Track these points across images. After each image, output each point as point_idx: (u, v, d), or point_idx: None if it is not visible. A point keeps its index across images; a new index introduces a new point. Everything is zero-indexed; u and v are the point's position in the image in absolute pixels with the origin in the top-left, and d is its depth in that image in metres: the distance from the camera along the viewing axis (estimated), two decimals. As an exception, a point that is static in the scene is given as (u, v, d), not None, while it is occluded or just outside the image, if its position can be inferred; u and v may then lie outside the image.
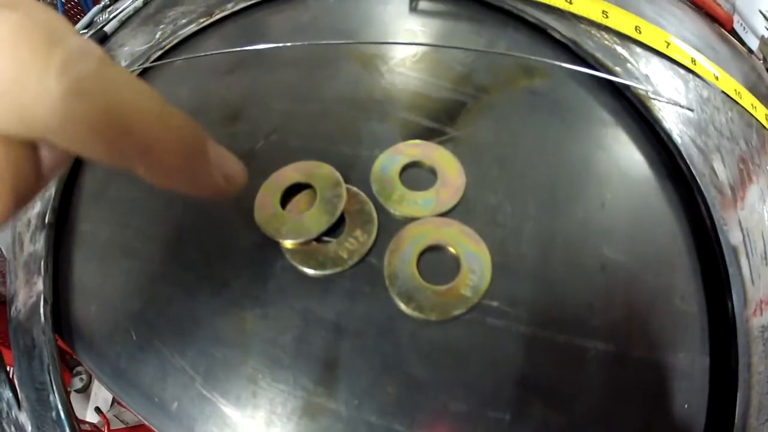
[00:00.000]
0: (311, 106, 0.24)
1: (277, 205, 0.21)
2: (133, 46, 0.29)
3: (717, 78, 0.27)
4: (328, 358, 0.18)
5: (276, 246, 0.20)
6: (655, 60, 0.26)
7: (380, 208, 0.20)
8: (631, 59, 0.26)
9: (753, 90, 0.30)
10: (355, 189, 0.21)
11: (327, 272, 0.19)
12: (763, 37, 0.33)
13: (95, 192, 0.25)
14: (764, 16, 0.33)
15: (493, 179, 0.21)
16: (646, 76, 0.25)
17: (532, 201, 0.21)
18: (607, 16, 0.27)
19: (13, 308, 0.23)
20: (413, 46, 0.25)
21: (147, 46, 0.29)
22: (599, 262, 0.20)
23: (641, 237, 0.21)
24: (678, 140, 0.23)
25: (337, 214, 0.20)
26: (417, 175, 0.21)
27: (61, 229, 0.24)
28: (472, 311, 0.19)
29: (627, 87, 0.24)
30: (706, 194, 0.22)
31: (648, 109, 0.24)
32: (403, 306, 0.19)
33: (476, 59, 0.25)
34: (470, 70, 0.24)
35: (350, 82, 0.24)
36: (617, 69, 0.25)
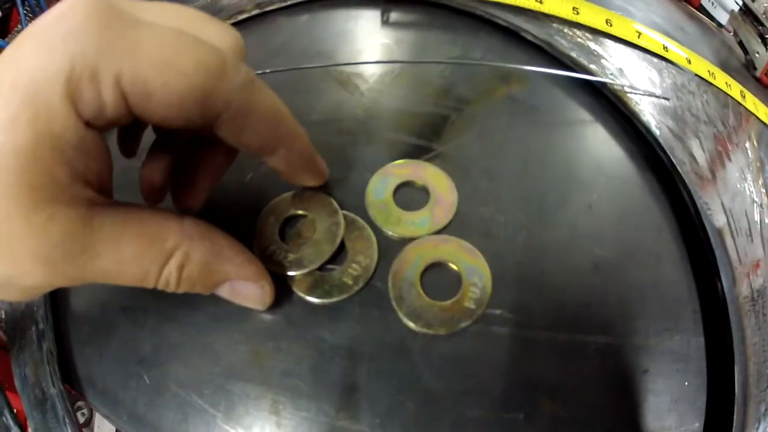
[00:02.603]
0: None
1: (276, 238, 0.21)
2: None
3: (689, 62, 0.28)
4: (346, 383, 0.19)
5: (281, 278, 0.21)
6: (628, 52, 0.27)
7: (378, 231, 0.21)
8: (604, 54, 0.26)
9: (725, 65, 0.31)
10: (352, 215, 0.21)
11: (334, 300, 0.20)
12: (733, 11, 0.34)
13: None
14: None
15: (483, 192, 0.22)
16: (620, 69, 0.26)
17: (522, 210, 0.22)
18: (577, 13, 0.27)
19: (16, 361, 0.23)
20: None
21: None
22: (591, 262, 0.21)
23: (628, 232, 0.22)
24: (656, 132, 0.24)
25: (338, 241, 0.21)
26: (410, 195, 0.22)
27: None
28: (478, 322, 0.20)
29: (603, 84, 0.25)
30: (687, 182, 0.23)
31: (625, 104, 0.25)
32: (412, 325, 0.20)
33: (454, 70, 0.25)
34: (449, 82, 0.25)
35: (333, 105, 0.25)
36: (592, 67, 0.25)
